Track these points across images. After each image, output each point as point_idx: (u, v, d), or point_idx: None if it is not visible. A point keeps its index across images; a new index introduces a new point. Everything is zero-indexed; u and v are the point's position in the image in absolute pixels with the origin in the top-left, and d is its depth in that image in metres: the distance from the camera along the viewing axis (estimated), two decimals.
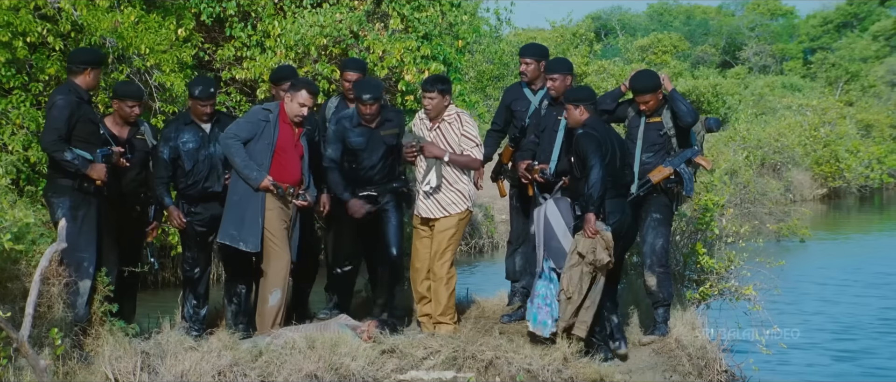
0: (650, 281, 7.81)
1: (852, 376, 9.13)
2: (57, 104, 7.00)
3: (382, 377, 7.04)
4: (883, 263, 16.18)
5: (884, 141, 32.07)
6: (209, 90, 7.62)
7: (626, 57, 40.17)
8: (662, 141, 7.83)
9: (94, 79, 7.28)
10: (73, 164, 6.91)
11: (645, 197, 7.80)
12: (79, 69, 7.19)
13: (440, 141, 7.79)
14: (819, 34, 58.61)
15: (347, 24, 10.65)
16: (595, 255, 7.25)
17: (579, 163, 7.38)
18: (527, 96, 8.35)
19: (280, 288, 7.45)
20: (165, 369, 6.70)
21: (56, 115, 6.96)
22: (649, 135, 7.82)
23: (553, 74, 8.05)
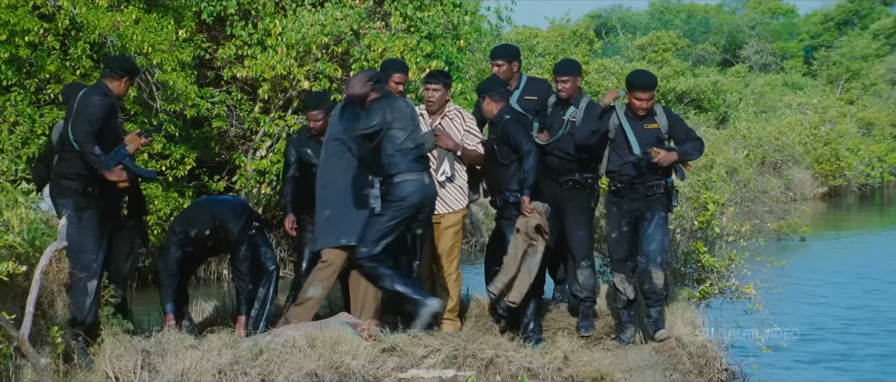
0: (658, 279, 7.82)
1: (852, 375, 9.12)
2: (93, 102, 6.99)
3: (383, 375, 7.03)
4: (884, 262, 16.18)
5: (884, 139, 32.06)
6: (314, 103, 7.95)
7: (627, 55, 40.15)
8: (660, 145, 7.85)
9: (126, 88, 7.34)
10: (98, 160, 6.89)
11: (646, 197, 7.81)
12: (116, 75, 7.21)
13: (443, 136, 7.82)
14: (820, 32, 58.58)
15: (348, 22, 10.66)
16: (527, 225, 7.56)
17: (508, 149, 7.65)
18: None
19: (322, 285, 7.48)
20: (166, 367, 6.70)
21: (92, 111, 6.96)
22: (648, 139, 7.83)
23: (564, 77, 8.09)
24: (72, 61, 9.28)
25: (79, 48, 9.16)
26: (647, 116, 7.90)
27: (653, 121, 7.89)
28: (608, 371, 7.35)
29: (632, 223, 7.92)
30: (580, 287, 8.12)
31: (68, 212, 6.92)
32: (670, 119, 7.97)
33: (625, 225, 7.93)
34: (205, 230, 7.49)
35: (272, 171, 11.03)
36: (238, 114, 10.87)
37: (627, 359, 7.69)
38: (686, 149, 7.88)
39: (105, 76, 7.27)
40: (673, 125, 7.94)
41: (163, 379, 6.65)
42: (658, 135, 7.87)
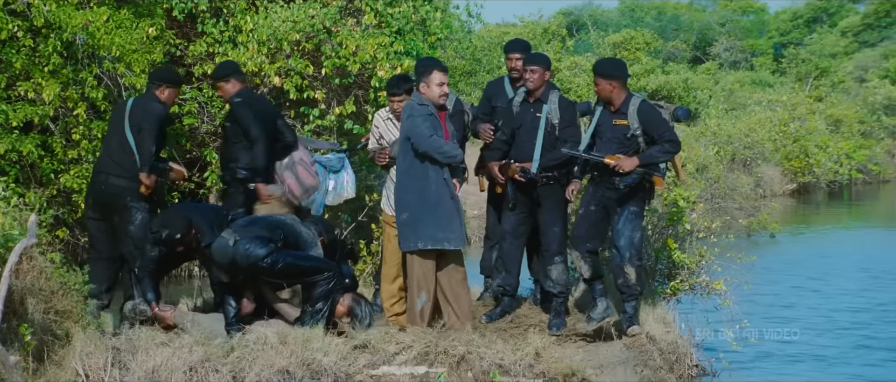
0: (630, 274, 7.81)
1: (821, 370, 9.20)
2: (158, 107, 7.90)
3: (354, 372, 7.04)
4: (852, 258, 16.32)
5: (852, 136, 32.32)
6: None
7: (598, 52, 40.28)
8: (629, 142, 7.78)
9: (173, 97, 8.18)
10: (148, 154, 7.73)
11: (617, 190, 7.81)
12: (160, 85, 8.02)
13: None
14: (789, 29, 58.98)
15: (320, 19, 10.63)
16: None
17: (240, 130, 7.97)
18: (507, 92, 8.36)
19: (426, 291, 7.51)
20: (136, 365, 6.69)
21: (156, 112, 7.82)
22: (614, 135, 7.81)
23: (532, 66, 8.04)
24: (42, 58, 9.22)
25: (49, 46, 9.11)
26: (619, 111, 7.82)
27: (623, 117, 7.80)
28: (579, 368, 7.38)
29: (601, 209, 7.91)
30: (553, 282, 8.13)
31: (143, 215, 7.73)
32: (643, 118, 7.73)
33: (593, 206, 7.92)
34: (176, 233, 7.53)
35: None
36: (209, 111, 10.83)
37: (598, 356, 7.72)
38: (651, 153, 7.71)
39: (153, 86, 8.03)
40: (646, 124, 7.73)
41: (133, 377, 6.63)
42: (625, 131, 7.77)
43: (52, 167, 9.50)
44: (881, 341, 10.18)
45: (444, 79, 7.65)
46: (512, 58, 8.35)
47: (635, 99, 7.83)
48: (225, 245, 7.26)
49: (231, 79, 8.16)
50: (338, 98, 11.18)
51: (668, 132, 7.72)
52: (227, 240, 7.26)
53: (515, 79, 8.35)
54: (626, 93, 7.83)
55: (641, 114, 7.75)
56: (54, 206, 9.55)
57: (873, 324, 11.00)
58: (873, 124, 34.72)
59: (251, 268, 7.27)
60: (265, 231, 7.35)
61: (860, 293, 13.07)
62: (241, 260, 7.22)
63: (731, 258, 9.27)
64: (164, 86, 8.01)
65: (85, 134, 9.50)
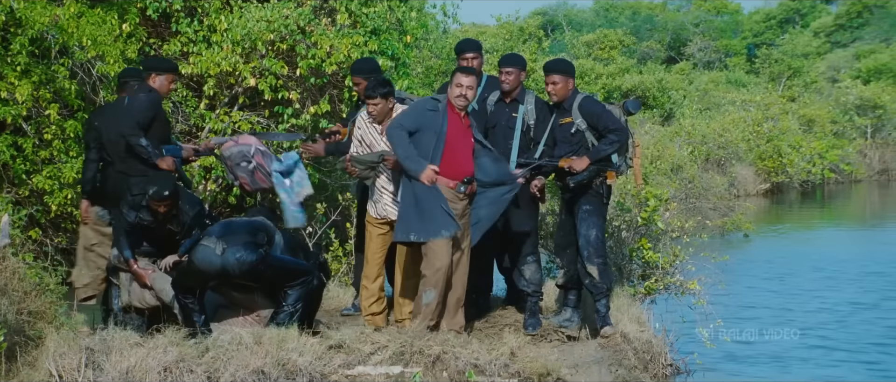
0: (593, 272, 7.83)
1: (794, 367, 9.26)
2: (140, 98, 7.71)
3: (329, 372, 7.02)
4: (825, 257, 16.43)
5: (825, 136, 32.53)
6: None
7: (573, 52, 40.37)
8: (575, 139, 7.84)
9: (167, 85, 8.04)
10: (146, 150, 7.54)
11: (574, 192, 7.85)
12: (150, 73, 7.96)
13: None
14: (762, 30, 59.33)
15: (294, 19, 10.61)
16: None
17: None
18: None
19: (435, 289, 7.40)
20: (110, 365, 6.64)
21: (138, 107, 7.66)
22: (562, 135, 7.86)
23: (508, 68, 8.06)
24: (10, 55, 9.16)
25: (17, 43, 9.04)
26: (562, 110, 7.88)
27: (567, 114, 7.85)
28: (554, 367, 7.39)
29: (570, 212, 7.99)
30: (526, 282, 8.15)
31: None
32: (586, 112, 7.79)
33: (564, 213, 8.03)
34: (163, 190, 7.43)
35: (218, 168, 10.96)
36: (184, 111, 10.78)
37: (573, 355, 7.74)
38: (600, 148, 7.76)
39: (147, 77, 7.93)
40: (590, 118, 7.78)
41: (107, 377, 6.59)
42: (570, 129, 7.83)
43: (24, 167, 9.44)
44: (849, 341, 10.25)
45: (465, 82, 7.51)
46: (466, 57, 8.31)
47: (578, 96, 7.90)
48: (211, 254, 7.18)
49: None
50: (312, 98, 11.17)
51: (611, 122, 7.77)
52: (212, 249, 7.18)
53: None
54: (574, 92, 7.92)
55: (583, 110, 7.82)
56: (27, 206, 9.48)
57: (843, 324, 11.07)
58: (845, 124, 34.97)
59: (244, 275, 7.23)
60: (248, 235, 7.31)
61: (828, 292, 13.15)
62: (233, 269, 7.17)
63: (705, 258, 9.33)
64: (154, 74, 7.95)
65: (57, 134, 9.44)
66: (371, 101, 7.70)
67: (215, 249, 7.18)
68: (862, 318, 11.38)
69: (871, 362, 9.41)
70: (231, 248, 7.16)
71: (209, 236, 7.27)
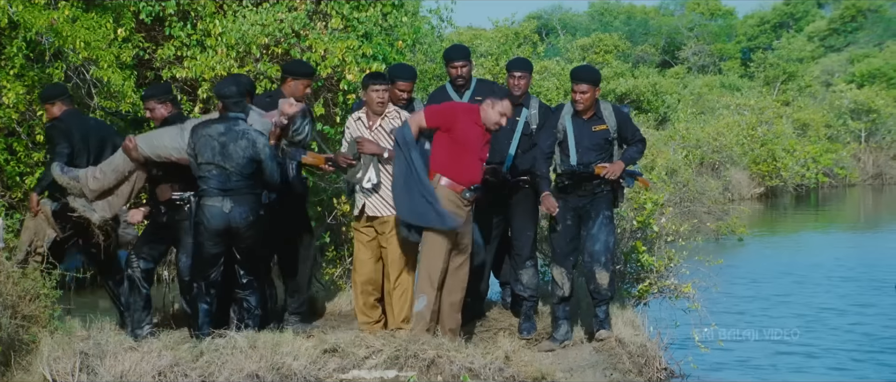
0: (603, 279, 7.86)
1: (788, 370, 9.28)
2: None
3: (324, 376, 7.03)
4: (819, 261, 16.47)
5: (819, 140, 32.57)
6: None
7: (567, 56, 40.40)
8: (608, 146, 7.90)
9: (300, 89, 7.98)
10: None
11: (592, 194, 7.85)
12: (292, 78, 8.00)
13: (382, 138, 7.75)
14: (756, 34, 59.44)
15: (289, 23, 10.61)
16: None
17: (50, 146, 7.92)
18: (453, 99, 8.29)
19: (426, 295, 7.38)
20: (105, 369, 6.65)
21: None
22: (595, 140, 7.86)
23: (518, 72, 8.13)
24: (5, 59, 9.15)
25: (14, 46, 9.04)
26: (595, 117, 7.88)
27: (601, 121, 7.87)
28: (549, 371, 7.39)
29: (576, 218, 7.94)
30: (523, 286, 8.16)
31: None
32: (619, 118, 7.92)
33: (569, 220, 7.93)
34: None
35: None
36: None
37: (568, 359, 7.74)
38: (630, 155, 7.90)
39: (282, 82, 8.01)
40: (621, 125, 7.92)
41: (101, 381, 6.58)
42: (606, 136, 7.87)
43: (17, 170, 9.43)
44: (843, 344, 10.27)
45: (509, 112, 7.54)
46: (455, 65, 8.29)
47: (604, 103, 7.94)
48: (220, 211, 7.20)
49: (57, 102, 7.99)
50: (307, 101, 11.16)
51: (638, 131, 8.00)
52: (219, 207, 7.19)
53: (460, 85, 8.32)
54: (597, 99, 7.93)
55: (618, 117, 7.92)
56: (21, 211, 9.47)
57: (837, 327, 11.09)
58: (839, 128, 35.02)
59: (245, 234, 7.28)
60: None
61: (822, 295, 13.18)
62: (237, 225, 7.23)
63: (699, 261, 9.34)
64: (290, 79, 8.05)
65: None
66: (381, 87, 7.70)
67: (223, 206, 7.21)
68: (854, 322, 11.40)
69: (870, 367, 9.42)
70: (237, 206, 7.23)
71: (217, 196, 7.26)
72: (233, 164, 7.20)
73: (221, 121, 7.30)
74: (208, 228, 7.23)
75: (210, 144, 7.20)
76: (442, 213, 7.30)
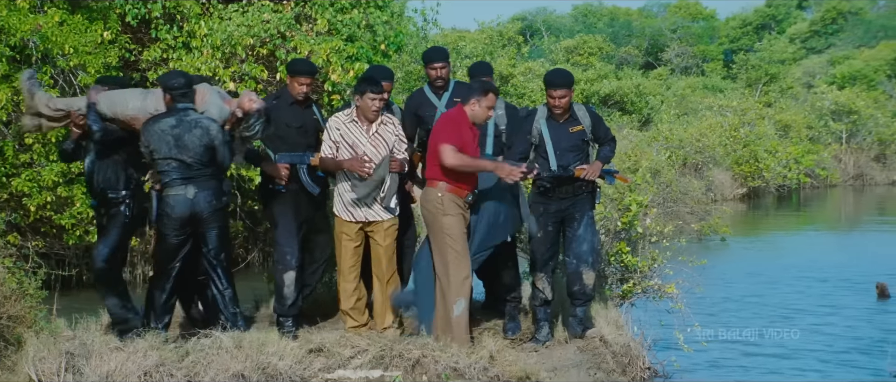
0: (589, 280, 7.91)
1: (772, 369, 9.33)
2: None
3: (310, 376, 7.04)
4: (800, 261, 16.55)
5: (801, 141, 32.72)
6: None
7: (552, 58, 40.48)
8: (584, 147, 7.94)
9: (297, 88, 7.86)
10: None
11: (574, 196, 7.89)
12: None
13: (380, 144, 7.71)
14: (738, 36, 59.67)
15: (275, 24, 10.63)
16: None
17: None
18: (432, 101, 8.30)
19: (465, 297, 7.35)
20: (90, 369, 6.64)
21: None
22: (572, 141, 7.88)
23: (486, 77, 8.13)
24: None
25: (0, 50, 9.05)
26: (571, 119, 7.91)
27: (576, 122, 7.90)
28: (533, 371, 7.42)
29: (557, 223, 7.98)
30: (506, 287, 8.20)
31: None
32: (593, 119, 7.96)
33: (550, 225, 7.94)
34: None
35: None
36: None
37: (552, 358, 7.77)
38: (606, 154, 7.95)
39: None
40: (595, 125, 7.96)
41: (87, 381, 6.59)
42: (583, 136, 7.90)
43: (3, 171, 9.42)
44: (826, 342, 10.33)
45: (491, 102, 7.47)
46: (434, 66, 8.30)
47: (577, 105, 8.00)
48: (184, 198, 7.22)
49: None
50: None
51: (609, 130, 8.08)
52: (183, 194, 7.22)
53: (439, 87, 8.34)
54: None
55: (592, 117, 7.97)
56: (7, 211, 9.46)
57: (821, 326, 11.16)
58: (821, 129, 35.20)
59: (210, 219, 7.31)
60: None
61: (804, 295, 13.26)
62: (201, 211, 7.26)
63: (682, 261, 9.39)
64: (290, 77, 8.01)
65: (38, 138, 9.43)
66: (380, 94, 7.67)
67: (187, 193, 7.23)
68: (839, 320, 11.48)
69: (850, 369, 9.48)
70: (201, 191, 7.26)
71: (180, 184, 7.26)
72: (190, 154, 7.22)
73: (171, 114, 7.28)
74: (173, 217, 7.23)
75: (164, 139, 7.20)
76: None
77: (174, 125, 7.23)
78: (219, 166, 7.40)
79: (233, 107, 7.51)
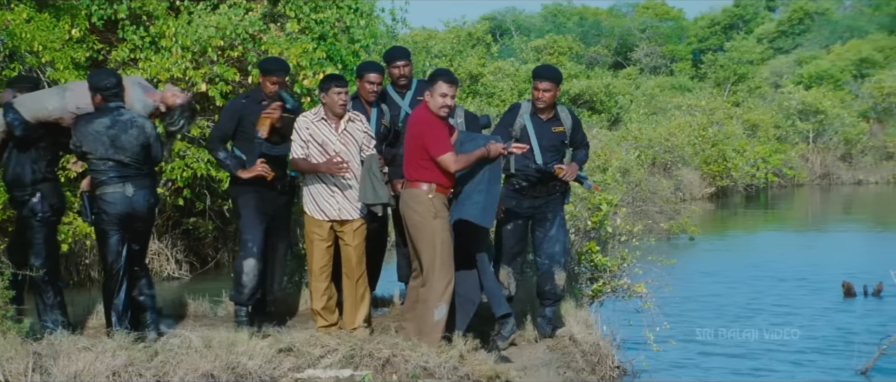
0: (560, 280, 7.92)
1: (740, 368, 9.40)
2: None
3: (279, 375, 7.02)
4: (768, 260, 16.68)
5: (768, 140, 33.00)
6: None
7: (522, 57, 40.58)
8: (563, 147, 7.98)
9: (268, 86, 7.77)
10: (224, 164, 7.75)
11: (548, 195, 7.91)
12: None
13: (350, 142, 7.67)
14: (707, 36, 60.07)
15: (244, 26, 10.59)
16: None
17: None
18: (396, 100, 8.26)
19: (445, 303, 7.29)
20: (58, 370, 6.59)
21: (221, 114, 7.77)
22: (553, 141, 7.90)
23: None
24: None
25: None
26: (554, 118, 7.92)
27: (559, 123, 7.92)
28: (503, 370, 7.43)
29: (528, 218, 7.98)
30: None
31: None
32: (574, 122, 8.01)
33: (521, 220, 7.95)
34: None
35: (167, 171, 10.92)
36: None
37: (522, 358, 7.79)
38: (581, 157, 8.00)
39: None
40: (575, 128, 8.00)
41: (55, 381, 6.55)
42: (563, 138, 7.93)
43: None
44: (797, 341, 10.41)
45: (450, 91, 7.35)
46: (397, 65, 8.26)
47: (560, 106, 8.03)
48: (122, 196, 7.17)
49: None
50: None
51: (585, 136, 8.13)
52: (122, 193, 7.16)
53: (402, 85, 8.30)
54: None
55: (573, 120, 8.01)
56: None
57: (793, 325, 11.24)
58: (788, 129, 35.50)
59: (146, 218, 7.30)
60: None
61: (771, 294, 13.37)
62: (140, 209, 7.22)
63: (652, 261, 9.45)
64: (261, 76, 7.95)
65: None
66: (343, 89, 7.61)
67: (125, 190, 7.18)
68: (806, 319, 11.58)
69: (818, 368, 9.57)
70: (139, 190, 7.22)
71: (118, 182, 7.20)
72: (128, 154, 7.17)
73: (104, 114, 7.18)
74: (111, 215, 7.16)
75: (100, 140, 7.12)
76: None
77: (109, 125, 7.15)
78: (153, 164, 7.39)
79: (156, 101, 7.44)
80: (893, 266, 10.05)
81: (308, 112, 7.82)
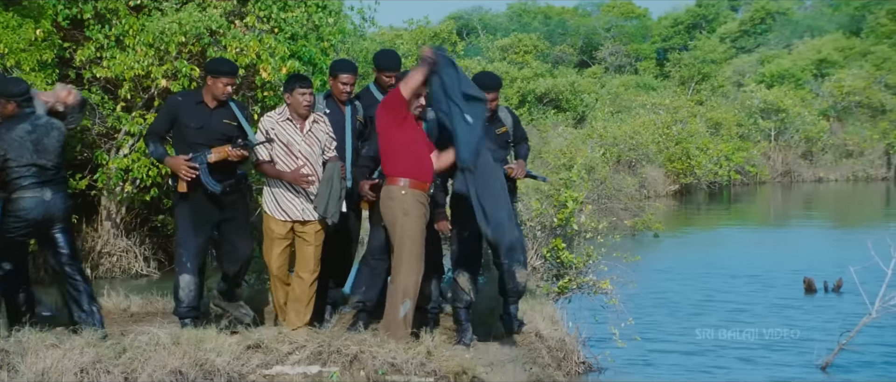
0: (522, 276, 7.91)
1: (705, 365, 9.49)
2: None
3: (247, 372, 7.03)
4: (730, 257, 16.84)
5: (731, 139, 33.26)
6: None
7: (488, 56, 40.66)
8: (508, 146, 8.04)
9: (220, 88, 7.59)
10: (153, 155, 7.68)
11: None
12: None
13: (315, 143, 7.67)
14: (671, 35, 60.42)
15: (205, 22, 10.59)
16: None
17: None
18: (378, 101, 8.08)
19: (411, 299, 7.29)
20: (26, 367, 6.58)
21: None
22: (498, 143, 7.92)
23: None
24: None
25: None
26: (496, 120, 7.94)
27: (501, 124, 7.95)
28: (470, 366, 7.47)
29: None
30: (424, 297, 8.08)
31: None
32: (514, 120, 8.05)
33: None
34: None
35: (135, 169, 10.90)
36: (101, 113, 10.70)
37: (488, 354, 7.83)
38: (524, 153, 8.06)
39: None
40: (516, 126, 8.05)
41: (23, 379, 6.53)
42: (507, 137, 7.96)
43: None
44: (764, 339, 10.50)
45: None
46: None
47: (498, 107, 8.03)
48: (40, 201, 7.15)
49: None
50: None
51: (524, 130, 8.21)
52: (39, 197, 7.15)
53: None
54: None
55: (513, 118, 8.07)
56: None
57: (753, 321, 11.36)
58: (750, 127, 35.81)
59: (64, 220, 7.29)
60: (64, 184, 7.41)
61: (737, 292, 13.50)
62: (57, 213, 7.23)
63: (617, 258, 9.53)
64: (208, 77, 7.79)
65: None
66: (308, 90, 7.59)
67: (43, 195, 7.17)
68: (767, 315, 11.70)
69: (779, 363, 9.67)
70: (57, 194, 7.23)
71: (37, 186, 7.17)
72: (49, 158, 7.18)
73: (23, 120, 7.16)
74: (27, 220, 7.14)
75: (24, 146, 7.10)
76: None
77: (30, 131, 7.13)
78: (64, 166, 7.40)
79: (52, 102, 7.40)
80: (853, 262, 10.16)
81: (273, 112, 7.81)
